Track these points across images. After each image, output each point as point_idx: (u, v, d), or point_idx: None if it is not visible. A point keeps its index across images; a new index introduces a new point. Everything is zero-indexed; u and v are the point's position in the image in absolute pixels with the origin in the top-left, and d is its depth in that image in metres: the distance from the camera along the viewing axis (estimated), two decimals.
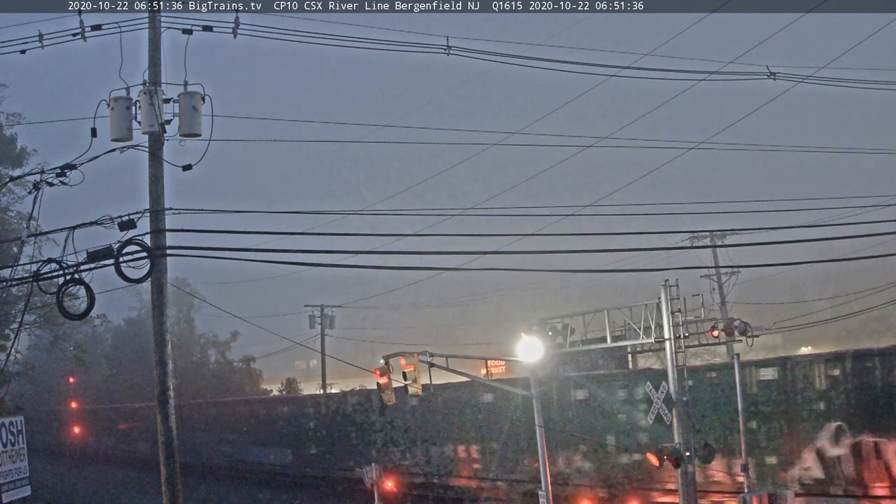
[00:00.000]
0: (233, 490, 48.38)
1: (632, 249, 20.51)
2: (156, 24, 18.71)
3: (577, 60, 22.61)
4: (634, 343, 25.92)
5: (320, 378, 62.02)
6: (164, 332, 18.99)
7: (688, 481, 20.63)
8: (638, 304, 22.82)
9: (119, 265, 17.00)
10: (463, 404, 36.50)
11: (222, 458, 54.23)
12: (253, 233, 17.63)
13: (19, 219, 43.80)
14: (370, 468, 25.31)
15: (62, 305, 17.29)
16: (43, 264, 17.53)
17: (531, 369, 23.07)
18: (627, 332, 24.19)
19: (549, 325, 23.37)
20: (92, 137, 17.78)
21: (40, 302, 36.34)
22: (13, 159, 45.13)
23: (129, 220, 17.19)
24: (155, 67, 18.61)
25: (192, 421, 54.41)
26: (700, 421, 25.72)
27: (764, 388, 26.13)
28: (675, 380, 21.00)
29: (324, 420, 47.11)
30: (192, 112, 18.02)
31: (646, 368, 38.10)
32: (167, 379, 18.90)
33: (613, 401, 30.47)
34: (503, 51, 21.75)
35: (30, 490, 23.44)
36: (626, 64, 24.63)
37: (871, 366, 24.34)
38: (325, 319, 63.15)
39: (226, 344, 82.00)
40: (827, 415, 24.86)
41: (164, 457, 18.88)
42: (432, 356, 21.73)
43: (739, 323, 23.12)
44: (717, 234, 46.49)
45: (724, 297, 51.96)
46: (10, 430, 22.72)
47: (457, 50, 20.43)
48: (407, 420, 39.86)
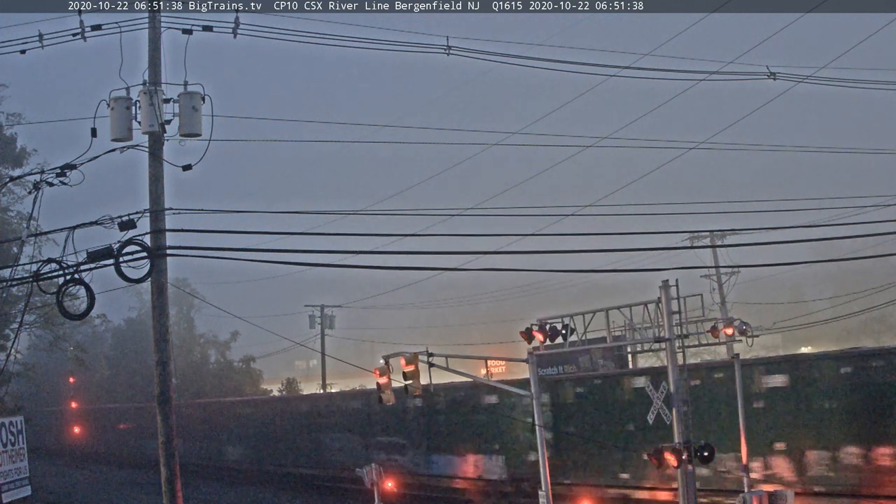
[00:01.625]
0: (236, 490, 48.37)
1: (632, 249, 20.51)
2: (156, 24, 18.72)
3: (577, 60, 22.65)
4: (634, 343, 25.97)
5: (320, 378, 62.04)
6: (165, 332, 19.01)
7: (688, 481, 20.62)
8: (638, 303, 22.83)
9: (119, 265, 17.01)
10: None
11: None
12: (253, 233, 17.64)
13: (19, 219, 43.78)
14: (370, 468, 25.27)
15: (62, 305, 17.30)
16: (43, 264, 17.55)
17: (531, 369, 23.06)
18: (627, 332, 24.20)
19: (549, 324, 23.34)
20: (92, 137, 17.81)
21: (40, 302, 36.33)
22: (13, 159, 45.08)
23: (129, 220, 17.20)
24: (155, 67, 18.62)
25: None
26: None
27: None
28: (675, 380, 20.98)
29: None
30: (191, 112, 18.03)
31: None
32: (167, 379, 18.92)
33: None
34: (503, 51, 21.82)
35: (30, 490, 23.44)
36: (626, 64, 24.66)
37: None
38: (325, 319, 63.18)
39: (226, 344, 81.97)
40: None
41: (164, 457, 18.90)
42: (432, 356, 21.71)
43: (739, 323, 23.13)
44: (717, 234, 46.52)
45: (724, 297, 52.00)
46: (10, 430, 22.71)
47: (457, 50, 20.46)
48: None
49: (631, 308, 23.27)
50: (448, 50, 20.39)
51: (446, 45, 20.35)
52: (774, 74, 23.28)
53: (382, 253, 18.56)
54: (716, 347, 37.40)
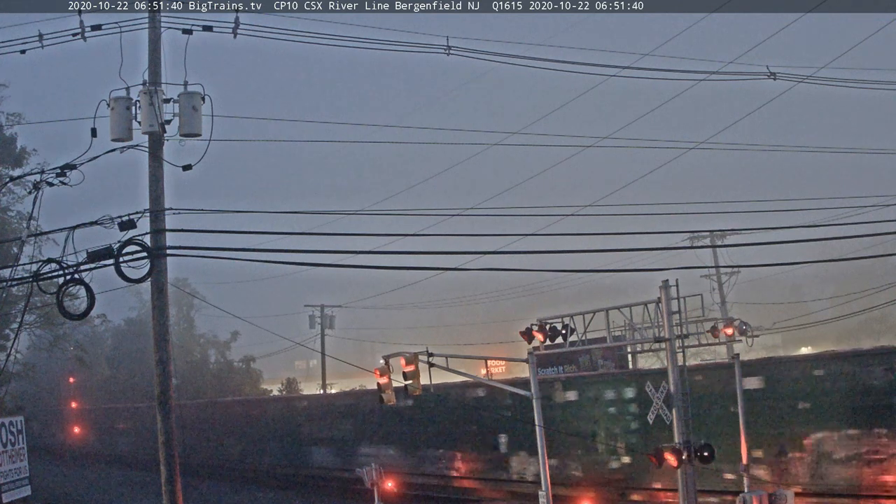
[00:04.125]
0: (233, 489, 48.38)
1: (632, 249, 20.51)
2: (156, 24, 18.71)
3: (577, 60, 22.64)
4: (634, 343, 25.93)
5: (320, 378, 62.02)
6: (165, 332, 19.00)
7: (688, 481, 20.60)
8: (638, 303, 22.79)
9: (119, 265, 17.00)
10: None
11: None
12: (253, 233, 17.64)
13: (19, 219, 43.77)
14: (370, 468, 25.26)
15: (62, 305, 17.30)
16: (43, 264, 17.55)
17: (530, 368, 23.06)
18: (627, 332, 24.17)
19: (549, 324, 23.31)
20: (92, 137, 17.81)
21: (40, 302, 36.36)
22: (13, 159, 45.09)
23: (129, 220, 17.20)
24: (155, 67, 18.62)
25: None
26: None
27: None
28: (675, 380, 20.97)
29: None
30: (191, 112, 18.03)
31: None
32: (167, 379, 18.91)
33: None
34: (503, 51, 21.80)
35: (30, 490, 23.46)
36: (626, 64, 24.66)
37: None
38: (325, 319, 63.17)
39: (226, 344, 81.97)
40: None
41: (164, 457, 18.89)
42: (432, 356, 21.70)
43: (739, 323, 23.11)
44: (717, 234, 46.54)
45: (724, 297, 52.02)
46: (10, 430, 22.73)
47: (457, 50, 20.46)
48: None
49: (631, 308, 23.21)
50: (448, 50, 20.39)
51: (446, 45, 20.35)
52: (774, 74, 23.28)
53: (382, 253, 18.54)
54: (716, 347, 37.33)
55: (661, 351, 22.99)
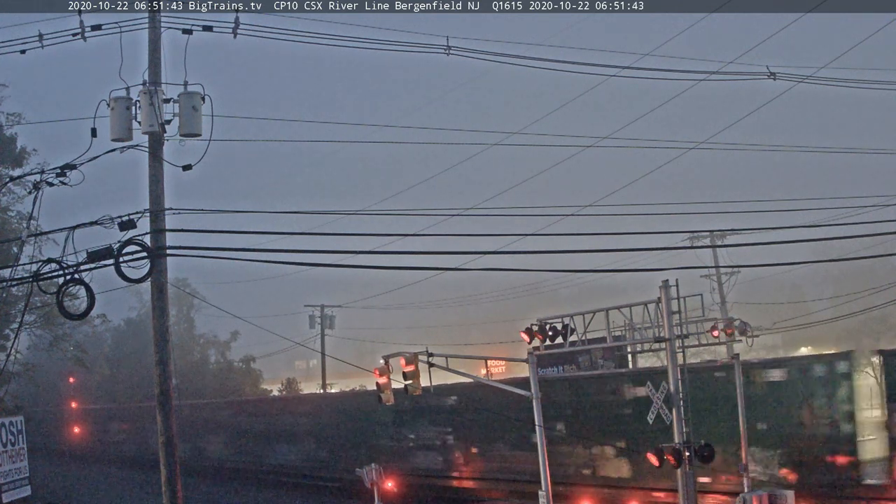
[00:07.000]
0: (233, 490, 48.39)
1: (632, 249, 20.52)
2: (156, 24, 18.72)
3: (577, 60, 22.65)
4: (634, 343, 25.94)
5: (320, 378, 62.02)
6: (165, 332, 19.01)
7: (688, 481, 20.61)
8: (638, 303, 22.80)
9: (119, 265, 17.01)
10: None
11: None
12: (253, 233, 17.65)
13: (19, 219, 43.72)
14: (370, 468, 25.27)
15: (62, 305, 17.30)
16: (43, 264, 17.55)
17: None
18: (627, 332, 24.19)
19: (549, 324, 23.32)
20: (92, 137, 17.81)
21: (40, 302, 36.32)
22: (13, 159, 45.04)
23: (129, 220, 17.20)
24: (155, 67, 18.63)
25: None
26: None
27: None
28: (675, 379, 20.98)
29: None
30: (191, 112, 18.03)
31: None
32: (167, 379, 18.92)
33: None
34: (503, 51, 21.80)
35: (30, 490, 23.42)
36: (626, 64, 24.67)
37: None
38: (325, 319, 63.16)
39: (226, 344, 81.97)
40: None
41: (164, 457, 18.90)
42: (432, 356, 21.71)
43: (739, 323, 23.12)
44: (717, 234, 46.51)
45: (724, 297, 52.00)
46: (10, 430, 22.69)
47: (457, 50, 20.46)
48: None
49: (631, 308, 23.21)
50: (448, 50, 20.39)
51: (446, 45, 20.35)
52: (774, 74, 23.28)
53: (382, 253, 18.55)
54: (716, 347, 37.33)
55: (661, 351, 23.01)
